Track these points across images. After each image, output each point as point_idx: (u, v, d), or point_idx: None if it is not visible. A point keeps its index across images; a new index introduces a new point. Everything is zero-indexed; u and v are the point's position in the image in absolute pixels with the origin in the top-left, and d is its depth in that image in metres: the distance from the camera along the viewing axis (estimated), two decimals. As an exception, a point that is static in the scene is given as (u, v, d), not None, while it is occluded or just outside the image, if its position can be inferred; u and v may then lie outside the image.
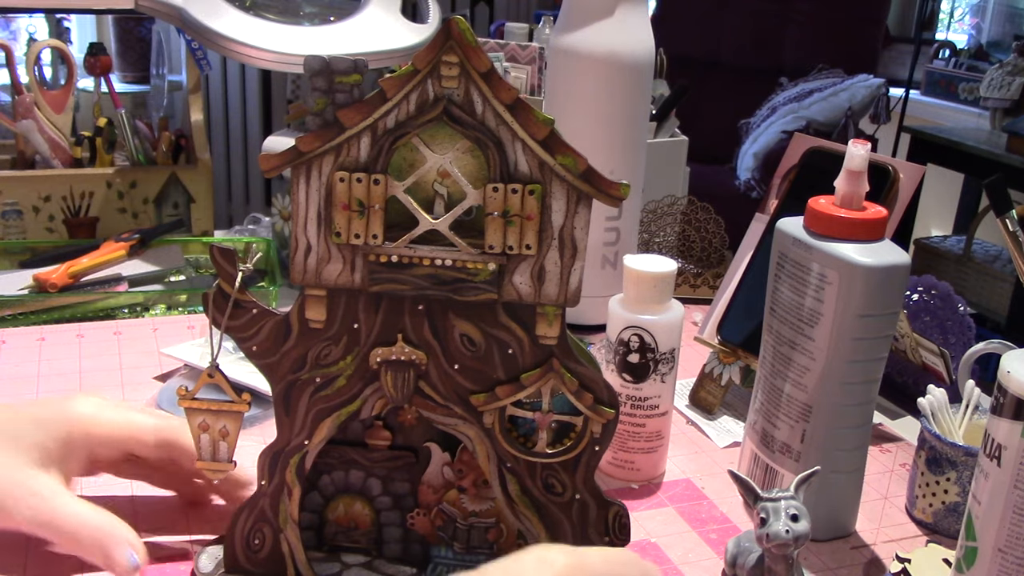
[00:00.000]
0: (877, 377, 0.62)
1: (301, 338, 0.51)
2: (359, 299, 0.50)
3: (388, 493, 0.56)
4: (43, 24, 2.60)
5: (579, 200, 0.48)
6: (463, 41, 0.46)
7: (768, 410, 0.65)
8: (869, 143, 0.60)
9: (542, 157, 0.48)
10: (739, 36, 3.10)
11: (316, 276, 0.50)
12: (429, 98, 0.47)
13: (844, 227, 0.59)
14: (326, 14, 1.05)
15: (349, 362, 0.51)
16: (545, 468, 0.52)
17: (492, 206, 0.48)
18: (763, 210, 0.85)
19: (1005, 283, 2.47)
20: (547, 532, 0.53)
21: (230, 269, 0.50)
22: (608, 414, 0.51)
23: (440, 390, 0.51)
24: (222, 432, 0.53)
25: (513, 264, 0.49)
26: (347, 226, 0.49)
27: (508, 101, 0.47)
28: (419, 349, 0.50)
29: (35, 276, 0.95)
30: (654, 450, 0.70)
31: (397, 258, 0.49)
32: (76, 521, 0.53)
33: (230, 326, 0.51)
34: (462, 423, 0.52)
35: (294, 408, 0.52)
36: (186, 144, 1.20)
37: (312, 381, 0.51)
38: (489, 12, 3.83)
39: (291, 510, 0.53)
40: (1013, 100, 2.74)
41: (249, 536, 0.54)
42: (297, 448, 0.52)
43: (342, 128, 0.47)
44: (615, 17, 0.85)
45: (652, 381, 0.68)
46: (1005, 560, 0.51)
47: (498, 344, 0.50)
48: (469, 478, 0.55)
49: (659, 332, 0.67)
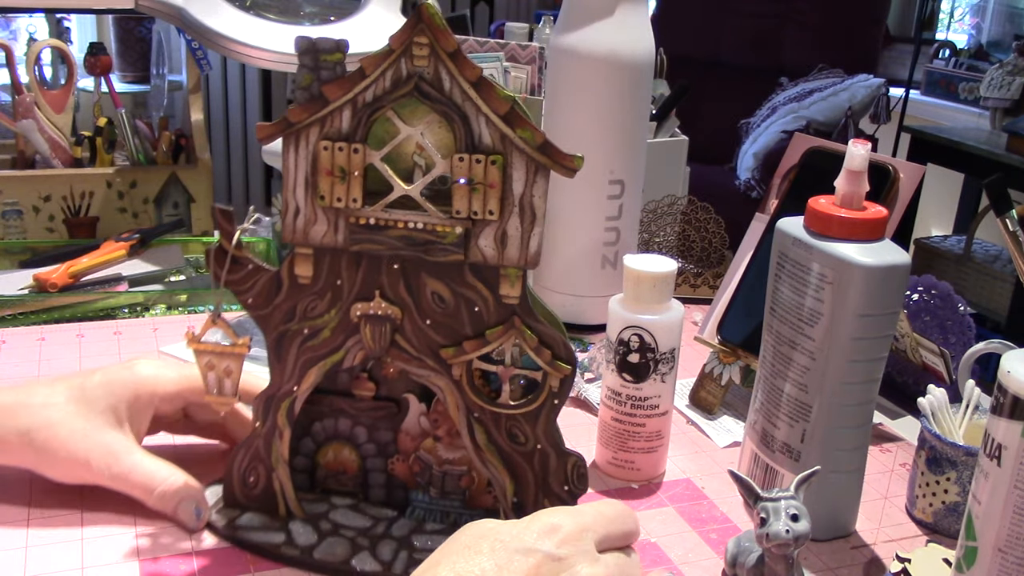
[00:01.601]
0: (877, 377, 0.62)
1: (291, 292, 0.56)
2: (342, 257, 0.55)
3: (373, 440, 0.61)
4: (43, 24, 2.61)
5: (537, 170, 0.53)
6: (432, 24, 0.51)
7: (768, 410, 0.65)
8: (869, 143, 0.60)
9: (503, 130, 0.52)
10: (739, 36, 3.10)
11: (304, 236, 0.55)
12: (402, 75, 0.52)
13: (844, 227, 0.59)
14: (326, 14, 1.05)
15: (333, 315, 0.56)
16: (509, 419, 0.56)
17: (458, 174, 0.53)
18: (763, 210, 0.85)
19: (1005, 283, 2.47)
20: (511, 479, 0.57)
21: (229, 227, 0.55)
22: (565, 370, 0.55)
23: (414, 343, 0.56)
24: (226, 371, 0.57)
25: (478, 228, 0.54)
26: (330, 190, 0.53)
27: (473, 79, 0.52)
28: (395, 305, 0.55)
29: (35, 276, 0.95)
30: (654, 450, 0.70)
31: (375, 221, 0.54)
32: (148, 477, 0.59)
33: (228, 280, 0.56)
34: (434, 375, 0.56)
35: (285, 356, 0.57)
36: (186, 144, 1.20)
37: (301, 332, 0.56)
38: (489, 12, 3.83)
39: (282, 450, 0.58)
40: (1013, 100, 2.74)
41: (245, 474, 0.59)
42: (287, 393, 0.57)
43: (326, 101, 0.52)
44: (615, 17, 0.85)
45: (652, 381, 0.68)
46: (1005, 560, 0.51)
47: (465, 302, 0.55)
48: (443, 427, 0.59)
49: (659, 332, 0.67)
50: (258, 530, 0.58)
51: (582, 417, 0.79)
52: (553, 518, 0.47)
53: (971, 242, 2.60)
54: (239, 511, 0.60)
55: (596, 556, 0.46)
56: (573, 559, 0.45)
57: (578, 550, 0.46)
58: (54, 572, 0.56)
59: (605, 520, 0.49)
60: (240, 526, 0.59)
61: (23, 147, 1.14)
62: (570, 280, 0.92)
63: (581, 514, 0.48)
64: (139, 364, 0.64)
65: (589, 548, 0.46)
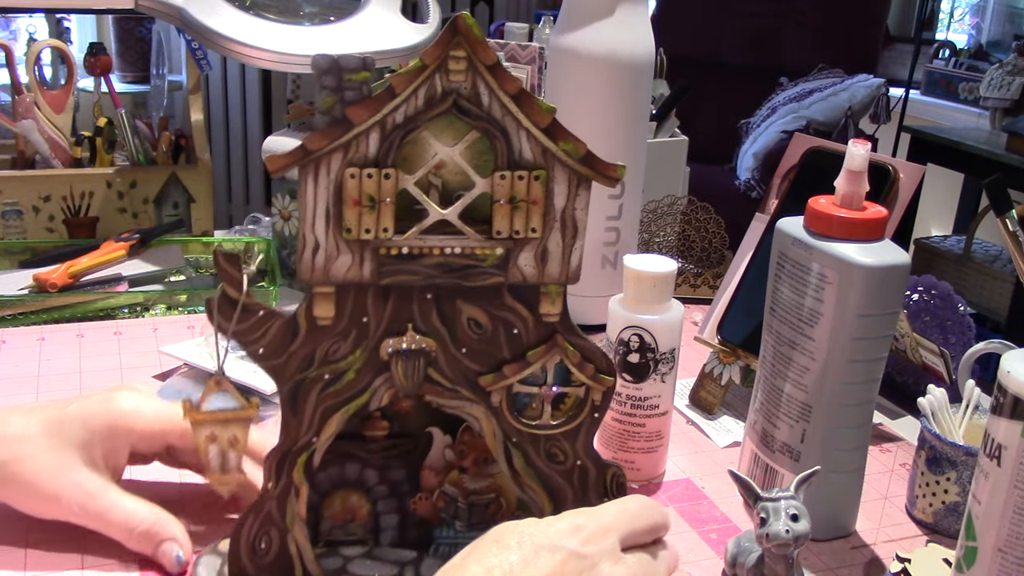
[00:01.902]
0: (877, 377, 0.62)
1: (309, 336, 0.51)
2: (368, 292, 0.51)
3: (385, 482, 0.57)
4: (43, 24, 2.61)
5: (579, 183, 0.51)
6: (470, 36, 0.47)
7: (768, 410, 0.65)
8: (869, 143, 0.60)
9: (545, 144, 0.50)
10: (739, 36, 3.10)
11: (324, 273, 0.50)
12: (437, 92, 0.48)
13: (844, 227, 0.59)
14: (326, 14, 1.05)
15: (358, 356, 0.51)
16: (548, 439, 0.54)
17: (500, 193, 0.50)
18: (763, 210, 0.85)
19: (1005, 283, 2.47)
20: (550, 500, 0.55)
21: (235, 273, 0.50)
22: (608, 382, 0.53)
23: (448, 375, 0.52)
24: (231, 441, 0.52)
25: (518, 247, 0.51)
26: (357, 221, 0.49)
27: (513, 92, 0.49)
28: (428, 336, 0.51)
29: (35, 276, 0.95)
30: (654, 450, 0.70)
31: (408, 250, 0.50)
32: (125, 516, 0.56)
33: (237, 330, 0.50)
34: (469, 404, 0.53)
35: (302, 407, 0.51)
36: (186, 144, 1.20)
37: (320, 378, 0.51)
38: (489, 12, 3.83)
39: (299, 509, 0.53)
40: (1013, 100, 2.74)
41: (255, 541, 0.53)
42: (305, 447, 0.52)
43: (351, 125, 0.48)
44: (615, 17, 0.85)
45: (652, 381, 0.68)
46: (1005, 560, 0.51)
47: (504, 325, 0.52)
48: (470, 457, 0.56)
49: (659, 332, 0.67)
50: None
51: (582, 417, 0.79)
52: (579, 518, 0.48)
53: (971, 242, 2.60)
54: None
55: (620, 556, 0.47)
56: (596, 558, 0.46)
57: (602, 549, 0.46)
58: (54, 572, 0.56)
59: (629, 516, 0.49)
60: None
61: (23, 147, 1.14)
62: (570, 280, 0.92)
63: (605, 513, 0.49)
64: (118, 397, 0.59)
65: (613, 547, 0.47)
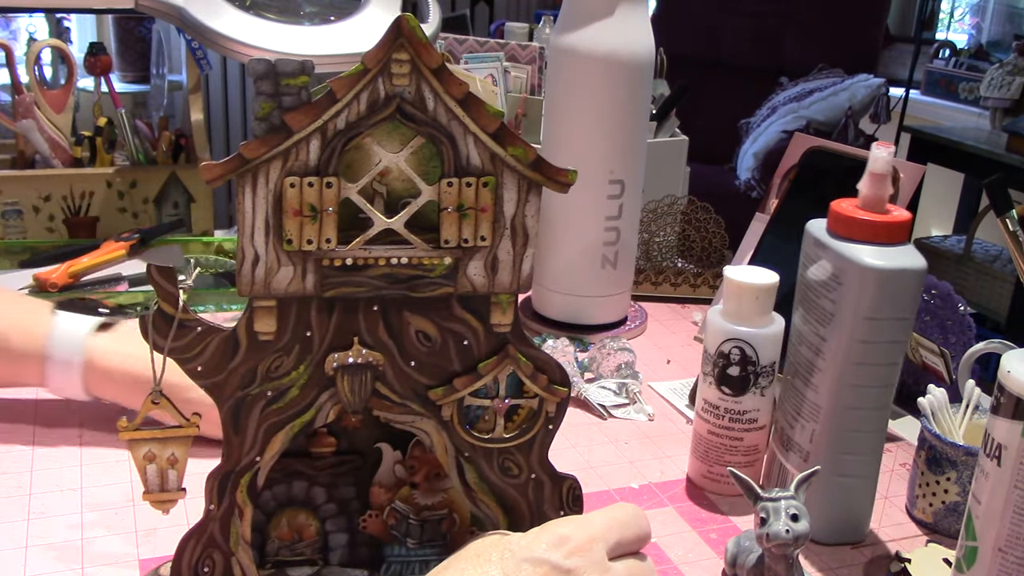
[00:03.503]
0: (891, 383, 0.61)
1: (250, 352, 0.49)
2: (311, 305, 0.49)
3: (333, 500, 0.55)
4: (43, 24, 2.61)
5: (529, 189, 0.49)
6: (413, 38, 0.46)
7: (786, 409, 0.65)
8: (893, 145, 0.59)
9: (493, 149, 0.48)
10: (739, 36, 3.10)
11: (265, 287, 0.48)
12: (380, 97, 0.47)
13: (864, 229, 0.58)
14: (326, 14, 1.05)
15: (302, 371, 0.49)
16: (502, 452, 0.52)
17: (447, 201, 0.48)
18: (763, 210, 0.85)
19: (1005, 283, 2.47)
20: (505, 515, 0.53)
21: (171, 288, 0.48)
22: (562, 393, 0.52)
23: (397, 389, 0.51)
24: (170, 460, 0.50)
25: (467, 256, 0.49)
26: (299, 232, 0.47)
27: (459, 96, 0.47)
28: (375, 350, 0.50)
29: (35, 276, 0.95)
30: (751, 464, 0.69)
31: (352, 261, 0.48)
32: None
33: (173, 347, 0.48)
34: (420, 419, 0.51)
35: (243, 426, 0.49)
36: (186, 144, 1.20)
37: (263, 395, 0.49)
38: (489, 12, 3.83)
39: (243, 531, 0.51)
40: (1013, 100, 2.74)
41: (198, 565, 0.51)
42: (248, 466, 0.50)
43: (290, 132, 0.46)
44: (615, 17, 0.85)
45: (752, 395, 0.66)
46: (1005, 560, 0.51)
47: (454, 337, 0.51)
48: (421, 472, 0.55)
49: (761, 345, 0.65)
50: None
51: (583, 417, 0.79)
52: (562, 528, 0.47)
53: (971, 242, 2.60)
54: None
55: (607, 566, 0.46)
56: (581, 570, 0.45)
57: (587, 561, 0.45)
58: (54, 572, 0.56)
59: (618, 525, 0.48)
60: None
61: (23, 147, 1.14)
62: (570, 280, 0.92)
63: (591, 523, 0.48)
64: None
65: (599, 558, 0.46)
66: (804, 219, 0.64)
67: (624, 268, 0.93)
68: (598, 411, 0.80)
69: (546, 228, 0.91)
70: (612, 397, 0.81)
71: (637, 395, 0.81)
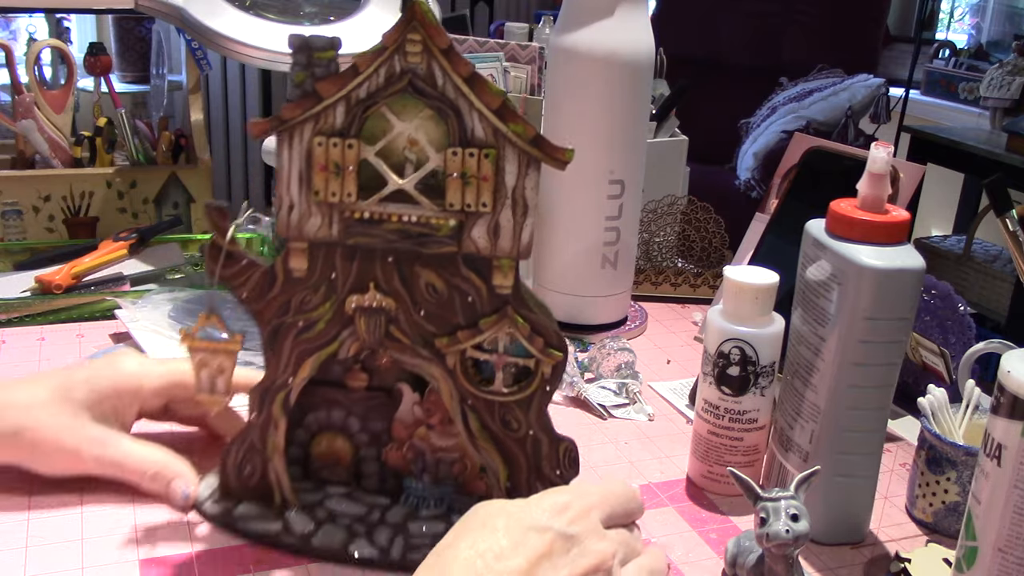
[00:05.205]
0: (889, 383, 0.61)
1: (285, 286, 0.57)
2: (336, 251, 0.56)
3: (366, 430, 0.61)
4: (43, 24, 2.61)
5: (529, 163, 0.54)
6: (424, 21, 0.51)
7: (785, 410, 0.65)
8: (891, 145, 0.59)
9: (496, 125, 0.53)
10: (739, 36, 3.10)
11: (298, 230, 0.55)
12: (396, 71, 0.53)
13: (863, 229, 0.58)
14: (326, 13, 1.05)
15: (327, 308, 0.57)
16: (502, 406, 0.57)
17: (452, 168, 0.54)
18: (763, 210, 0.85)
19: (1005, 283, 2.47)
20: (504, 465, 0.58)
21: (223, 224, 0.56)
22: (556, 356, 0.56)
23: (408, 334, 0.57)
24: (219, 368, 0.57)
25: (471, 221, 0.55)
26: (325, 186, 0.54)
27: (465, 74, 0.53)
28: (389, 297, 0.56)
29: (38, 278, 0.94)
30: (751, 464, 0.68)
31: (369, 215, 0.55)
32: (138, 461, 0.61)
33: (223, 275, 0.56)
34: (428, 364, 0.57)
35: (280, 349, 0.57)
36: (186, 144, 1.20)
37: (295, 324, 0.57)
38: (489, 12, 3.83)
39: (277, 441, 0.59)
40: (1013, 100, 2.74)
41: (241, 465, 0.60)
42: (283, 385, 0.58)
43: (320, 98, 0.53)
44: (615, 17, 0.85)
45: (752, 395, 0.66)
46: (1005, 560, 0.51)
47: (459, 292, 0.56)
48: (436, 416, 0.60)
49: (761, 345, 0.65)
50: (255, 519, 0.59)
51: (583, 417, 0.79)
52: (562, 497, 0.50)
53: (971, 242, 2.60)
54: (235, 502, 0.60)
55: (603, 532, 0.49)
56: (582, 536, 0.48)
57: (586, 528, 0.49)
58: (54, 572, 0.56)
59: (613, 498, 0.51)
60: (237, 516, 0.60)
61: (23, 147, 1.14)
62: (570, 280, 0.92)
63: (588, 494, 0.51)
64: (123, 360, 0.65)
65: (596, 525, 0.49)
66: (804, 219, 0.63)
67: (624, 268, 0.93)
68: (598, 411, 0.80)
69: (546, 228, 0.91)
70: (612, 397, 0.81)
71: (637, 395, 0.81)
